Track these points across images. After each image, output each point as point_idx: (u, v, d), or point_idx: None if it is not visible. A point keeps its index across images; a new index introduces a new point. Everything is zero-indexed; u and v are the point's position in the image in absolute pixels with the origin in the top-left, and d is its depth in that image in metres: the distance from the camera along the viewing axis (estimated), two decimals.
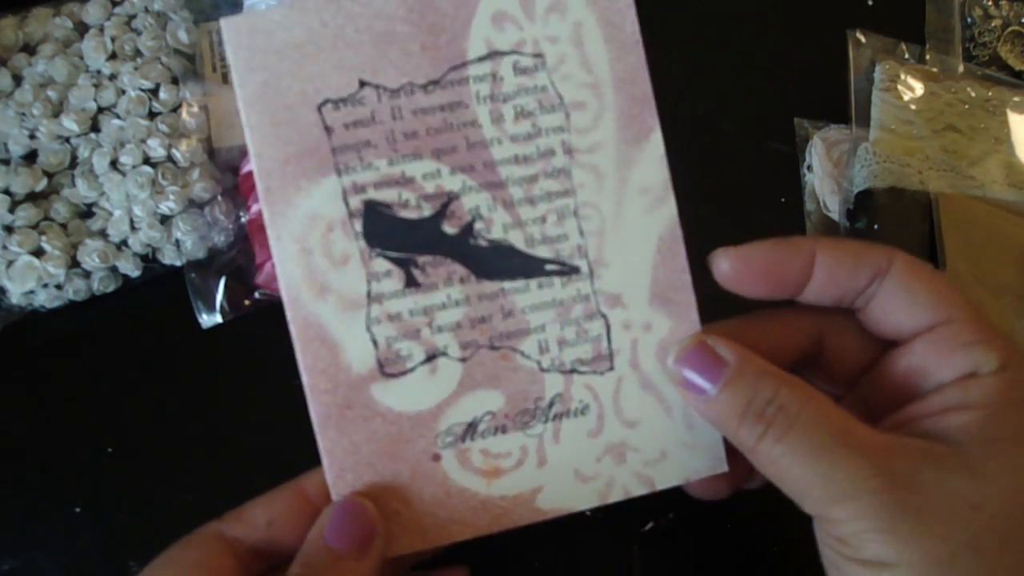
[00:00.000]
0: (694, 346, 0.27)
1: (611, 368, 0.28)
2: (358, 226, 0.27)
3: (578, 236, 0.27)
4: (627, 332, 0.28)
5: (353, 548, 0.25)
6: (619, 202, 0.28)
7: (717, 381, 0.26)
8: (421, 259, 0.27)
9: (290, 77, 0.26)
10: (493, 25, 0.27)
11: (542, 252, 0.27)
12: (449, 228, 0.27)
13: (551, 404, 0.28)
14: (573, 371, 0.28)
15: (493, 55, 0.27)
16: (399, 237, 0.27)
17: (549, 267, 0.27)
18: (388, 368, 0.27)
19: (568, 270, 0.27)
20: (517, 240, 0.27)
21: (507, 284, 0.27)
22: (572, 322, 0.28)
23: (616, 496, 0.28)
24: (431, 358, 0.27)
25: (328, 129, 0.27)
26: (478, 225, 0.27)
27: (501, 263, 0.27)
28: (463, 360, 0.27)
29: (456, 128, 0.27)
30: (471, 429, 0.27)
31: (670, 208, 0.28)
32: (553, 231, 0.27)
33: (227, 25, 0.26)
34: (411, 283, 0.27)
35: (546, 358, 0.27)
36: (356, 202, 0.27)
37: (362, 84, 0.27)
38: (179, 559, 0.27)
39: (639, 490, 0.28)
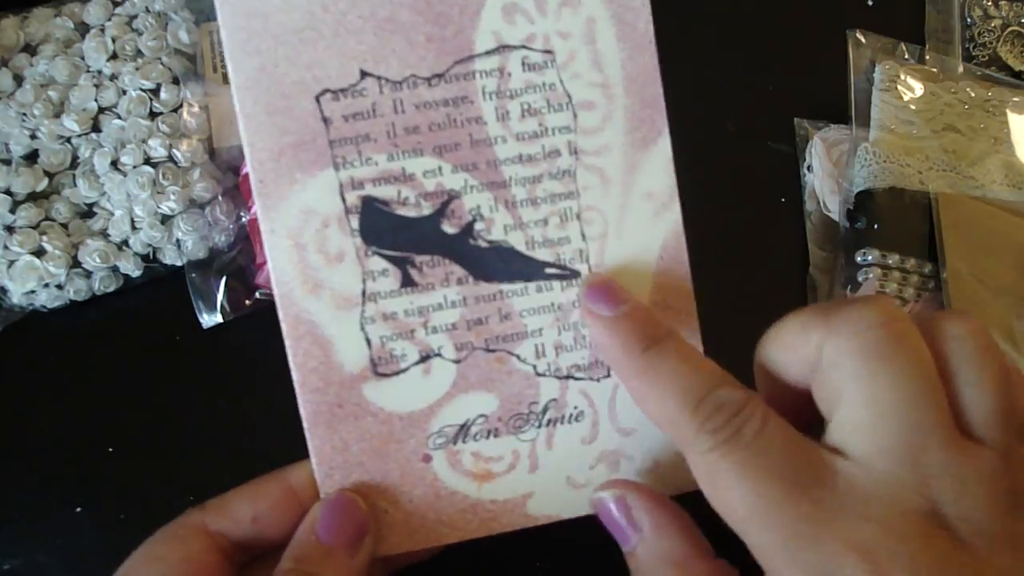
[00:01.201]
0: (616, 496, 0.26)
1: (608, 375, 0.27)
2: (355, 223, 0.26)
3: (580, 240, 0.27)
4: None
5: (345, 543, 0.25)
6: (623, 206, 0.27)
7: (628, 544, 0.26)
8: (419, 258, 0.26)
9: (288, 63, 0.25)
10: (503, 17, 0.26)
11: (543, 255, 0.27)
12: (449, 228, 0.27)
13: (545, 409, 0.27)
14: (569, 377, 0.27)
15: (502, 49, 0.26)
16: (397, 235, 0.26)
17: (549, 271, 0.27)
18: (381, 368, 0.27)
19: (569, 274, 0.27)
20: (518, 242, 0.27)
21: (506, 286, 0.27)
22: (570, 327, 0.27)
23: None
24: (425, 359, 0.27)
25: (326, 120, 0.26)
26: (478, 225, 0.27)
27: (500, 265, 0.27)
28: (457, 362, 0.27)
29: (460, 124, 0.26)
30: (463, 431, 0.27)
31: (675, 214, 0.28)
32: (555, 234, 0.27)
33: (222, 5, 0.25)
34: (408, 282, 0.26)
35: (542, 362, 0.27)
36: (353, 198, 0.26)
37: (363, 74, 0.26)
38: (165, 555, 0.26)
39: None
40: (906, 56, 0.47)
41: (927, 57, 0.47)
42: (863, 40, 0.47)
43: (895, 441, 0.21)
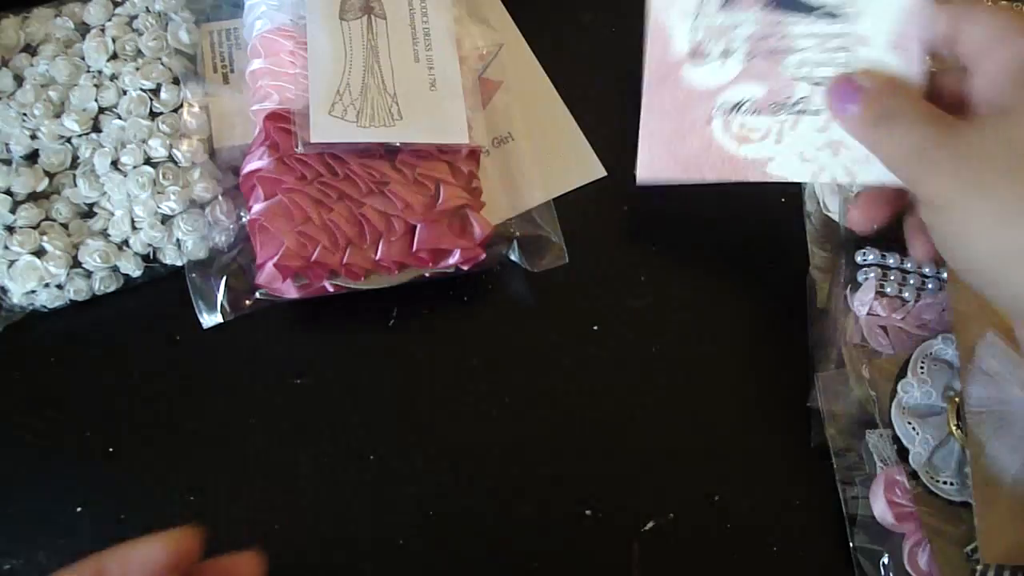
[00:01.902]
0: (843, 77, 0.36)
1: None
2: None
3: None
4: (865, 62, 0.36)
5: None
6: None
7: (857, 102, 0.34)
8: None
9: None
10: None
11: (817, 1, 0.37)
12: None
13: (797, 103, 0.37)
14: (819, 84, 0.37)
15: None
16: None
17: (821, 10, 0.37)
18: (696, 57, 0.37)
19: (835, 14, 0.37)
20: None
21: (789, 17, 0.37)
22: (828, 50, 0.37)
23: (825, 178, 0.38)
24: (725, 55, 0.37)
25: None
26: None
27: (788, 2, 0.37)
28: (745, 60, 0.37)
29: None
30: (737, 107, 0.38)
31: None
32: None
33: None
34: (726, 5, 0.37)
35: (802, 71, 0.37)
36: None
37: None
38: None
39: (843, 179, 0.37)
40: None
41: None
42: None
43: None
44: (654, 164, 0.39)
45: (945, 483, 0.37)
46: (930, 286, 0.41)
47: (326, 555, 0.37)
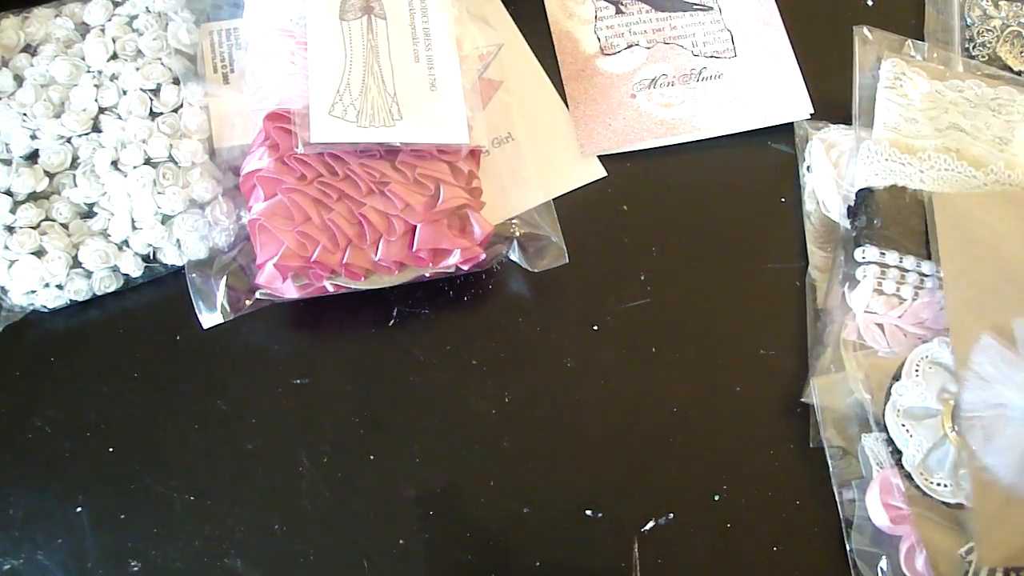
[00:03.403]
0: None
1: (735, 55, 0.48)
2: None
3: None
4: (744, 37, 0.48)
5: None
6: None
7: None
8: (625, 0, 0.50)
9: None
10: None
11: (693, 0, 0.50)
12: None
13: (701, 72, 0.47)
14: (712, 56, 0.48)
15: None
16: None
17: (696, 7, 0.49)
18: (606, 51, 0.48)
19: (706, 8, 0.49)
20: None
21: (673, 14, 0.49)
22: (711, 32, 0.49)
23: (742, 127, 0.46)
24: (630, 46, 0.48)
25: None
26: None
27: (668, 4, 0.49)
28: (648, 48, 0.48)
29: None
30: (654, 82, 0.47)
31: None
32: None
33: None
34: (619, 12, 0.49)
35: (697, 48, 0.48)
36: None
37: None
38: None
39: (760, 124, 0.46)
40: (912, 53, 0.47)
41: (933, 55, 0.47)
42: (870, 37, 0.47)
43: None
44: (593, 140, 0.46)
45: (939, 485, 0.37)
46: (928, 285, 0.41)
47: (326, 555, 0.37)
